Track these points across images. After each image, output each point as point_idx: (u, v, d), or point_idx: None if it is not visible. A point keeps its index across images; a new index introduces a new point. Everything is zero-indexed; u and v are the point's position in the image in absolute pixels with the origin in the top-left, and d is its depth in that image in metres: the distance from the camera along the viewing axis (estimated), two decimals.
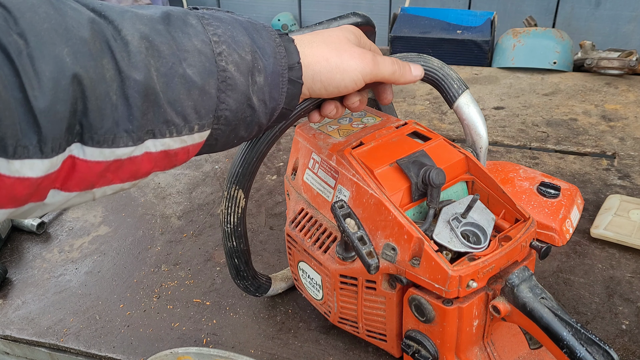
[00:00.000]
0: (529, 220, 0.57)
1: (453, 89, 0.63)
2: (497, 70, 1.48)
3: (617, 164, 1.05)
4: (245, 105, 0.45)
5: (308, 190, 0.67)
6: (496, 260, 0.53)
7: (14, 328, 0.79)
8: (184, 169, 1.14)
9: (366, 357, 0.70)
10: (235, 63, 0.43)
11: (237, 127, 0.46)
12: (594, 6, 2.17)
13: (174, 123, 0.40)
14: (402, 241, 0.55)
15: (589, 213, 0.91)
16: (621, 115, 1.21)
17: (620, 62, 1.35)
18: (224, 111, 0.43)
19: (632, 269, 0.80)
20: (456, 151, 0.62)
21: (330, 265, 0.62)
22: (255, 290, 0.73)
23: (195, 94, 0.40)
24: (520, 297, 0.51)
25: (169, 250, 0.91)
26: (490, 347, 0.58)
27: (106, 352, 0.74)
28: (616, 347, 0.69)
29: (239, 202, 0.63)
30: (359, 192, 0.58)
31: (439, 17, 1.62)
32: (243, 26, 0.46)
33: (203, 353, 0.65)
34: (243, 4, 2.69)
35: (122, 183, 0.41)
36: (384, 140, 0.63)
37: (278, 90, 0.47)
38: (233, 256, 0.67)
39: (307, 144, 0.67)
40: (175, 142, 0.41)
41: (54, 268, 0.89)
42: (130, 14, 0.39)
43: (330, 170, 0.62)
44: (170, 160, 0.43)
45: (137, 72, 0.37)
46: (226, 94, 0.43)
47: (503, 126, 1.20)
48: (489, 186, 0.60)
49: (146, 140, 0.39)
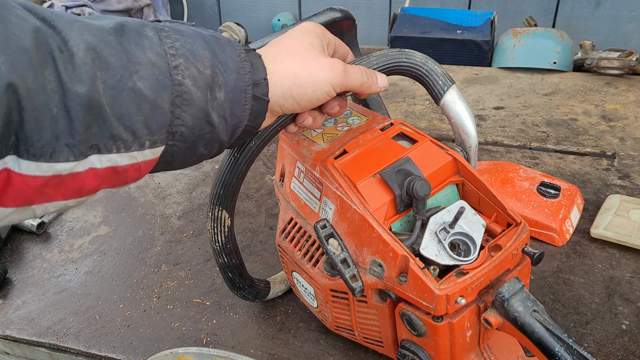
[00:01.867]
0: (521, 225, 0.55)
1: (438, 85, 0.60)
2: (497, 70, 1.48)
3: (617, 164, 1.05)
4: (204, 121, 0.43)
5: (296, 199, 0.65)
6: (485, 274, 0.51)
7: (14, 328, 0.79)
8: (184, 168, 1.14)
9: (366, 357, 0.70)
10: (192, 77, 0.41)
11: (195, 143, 0.44)
12: (594, 6, 2.17)
13: (122, 138, 0.38)
14: (388, 258, 0.53)
15: (589, 213, 0.91)
16: (621, 115, 1.21)
17: (620, 62, 1.35)
18: (179, 127, 0.41)
19: (632, 269, 0.80)
20: (443, 153, 0.60)
21: (320, 280, 0.61)
22: (254, 297, 0.73)
23: (146, 109, 0.38)
24: (511, 311, 0.50)
25: (169, 250, 0.91)
26: (487, 352, 0.57)
27: (106, 352, 0.74)
28: (616, 347, 0.69)
29: (224, 222, 0.62)
30: (343, 207, 0.57)
31: (439, 17, 1.62)
32: (205, 40, 0.44)
33: (203, 353, 0.65)
34: (243, 4, 2.69)
35: (66, 200, 0.39)
36: (368, 146, 0.60)
37: (240, 107, 0.45)
38: (226, 271, 0.67)
39: (291, 151, 0.65)
40: (123, 158, 0.39)
41: (54, 268, 0.89)
42: (80, 24, 0.37)
43: (315, 182, 0.61)
44: (120, 177, 0.41)
45: (80, 85, 0.35)
46: (182, 109, 0.41)
47: (503, 126, 1.20)
48: (479, 189, 0.59)
49: (90, 155, 0.37)
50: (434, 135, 1.20)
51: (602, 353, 0.68)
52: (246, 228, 0.95)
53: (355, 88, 0.54)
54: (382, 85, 0.57)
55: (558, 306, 0.75)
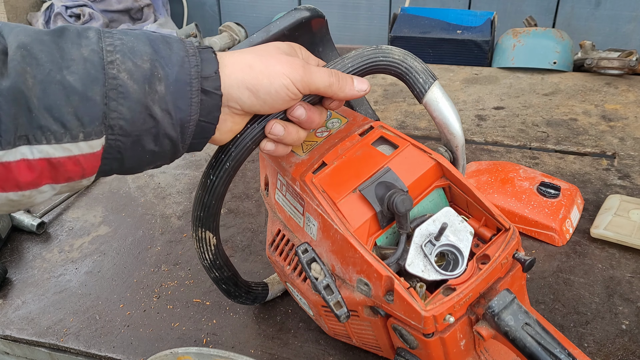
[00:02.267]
0: (510, 231, 0.53)
1: (419, 83, 0.56)
2: (497, 70, 1.48)
3: (617, 164, 1.05)
4: (145, 114, 0.43)
5: (281, 211, 0.64)
6: (474, 289, 0.50)
7: (14, 328, 0.79)
8: (184, 169, 1.14)
9: (366, 357, 0.70)
10: (128, 71, 0.42)
11: (140, 138, 0.44)
12: (594, 6, 2.17)
13: (51, 129, 0.40)
14: (373, 279, 0.52)
15: (589, 213, 0.91)
16: (621, 115, 1.21)
17: (620, 62, 1.35)
18: (117, 120, 0.42)
19: (632, 269, 0.80)
20: (426, 157, 0.57)
21: (310, 296, 0.61)
22: (253, 301, 0.73)
23: (75, 100, 0.40)
24: (502, 325, 0.49)
25: (169, 250, 0.91)
26: (484, 354, 0.57)
27: (106, 352, 0.74)
28: (616, 347, 0.69)
29: (209, 241, 0.60)
30: (325, 225, 0.55)
31: (439, 17, 1.62)
32: (150, 39, 0.45)
33: (203, 353, 0.65)
34: (243, 4, 2.69)
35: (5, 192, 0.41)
36: (348, 156, 0.58)
37: (186, 101, 0.45)
38: (220, 284, 0.66)
39: (271, 162, 0.63)
40: (56, 150, 0.41)
41: (54, 268, 0.89)
42: (20, 29, 0.41)
43: (297, 197, 0.59)
44: (59, 171, 0.42)
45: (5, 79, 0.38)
46: (118, 102, 0.42)
47: (503, 126, 1.20)
48: (465, 192, 0.56)
49: (20, 146, 0.39)
50: (434, 136, 1.20)
51: (602, 353, 0.68)
52: (246, 228, 0.95)
53: (323, 89, 0.51)
54: (360, 89, 0.54)
55: (558, 306, 0.75)
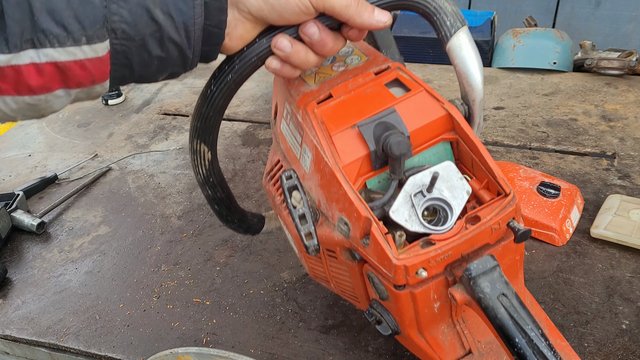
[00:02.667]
0: (509, 196, 0.50)
1: (445, 26, 0.52)
2: (497, 70, 1.48)
3: (617, 164, 1.05)
4: (147, 17, 0.43)
5: (284, 141, 0.62)
6: (455, 247, 0.47)
7: (14, 328, 0.79)
8: (184, 169, 1.14)
9: (366, 357, 0.70)
10: None
11: (145, 43, 0.44)
12: (594, 6, 2.17)
13: (53, 33, 0.41)
14: (353, 219, 0.49)
15: (589, 213, 0.91)
16: (621, 116, 1.21)
17: (620, 62, 1.35)
18: (119, 23, 0.42)
19: (632, 269, 0.80)
20: (438, 106, 0.53)
21: (292, 229, 0.58)
22: (246, 231, 0.71)
23: (74, 3, 0.41)
24: (476, 290, 0.46)
25: (169, 250, 0.91)
26: (460, 324, 0.55)
27: (106, 351, 0.74)
28: (616, 347, 0.69)
29: (204, 155, 0.59)
30: (317, 157, 0.53)
31: None
32: None
33: (203, 353, 0.65)
34: None
35: (22, 96, 0.42)
36: (357, 92, 0.55)
37: (188, 2, 0.45)
38: (212, 203, 0.64)
39: (282, 89, 0.60)
40: (60, 54, 0.41)
41: (54, 268, 0.89)
42: None
43: (298, 127, 0.56)
44: (67, 75, 0.43)
45: None
46: (118, 4, 0.42)
47: (503, 126, 1.20)
48: (472, 149, 0.53)
49: (27, 49, 0.40)
50: None
51: (602, 353, 0.68)
52: None
53: (339, 10, 0.48)
54: (380, 20, 0.50)
55: (558, 306, 0.75)
